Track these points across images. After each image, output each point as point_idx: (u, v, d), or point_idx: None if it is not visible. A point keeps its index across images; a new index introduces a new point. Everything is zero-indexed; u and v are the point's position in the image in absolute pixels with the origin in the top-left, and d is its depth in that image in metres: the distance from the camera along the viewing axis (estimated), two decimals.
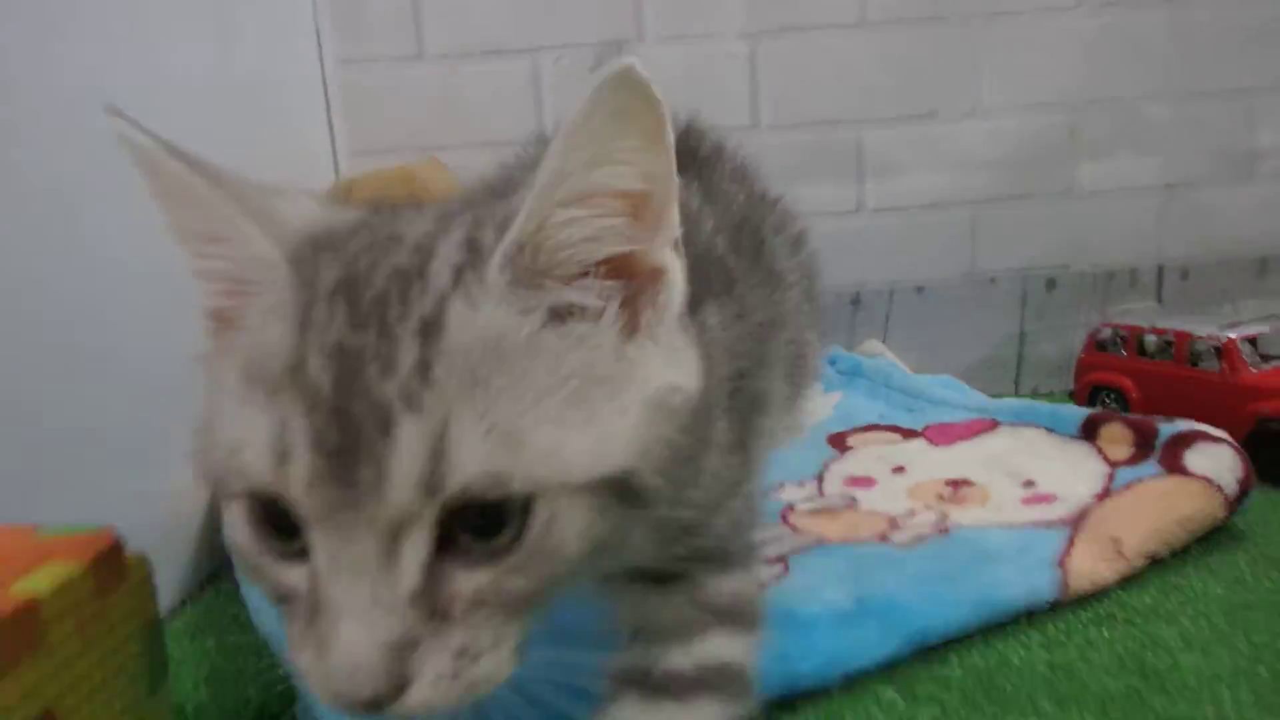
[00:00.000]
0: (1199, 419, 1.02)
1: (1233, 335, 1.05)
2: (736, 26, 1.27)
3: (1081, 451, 0.95)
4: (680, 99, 1.00)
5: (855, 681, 0.66)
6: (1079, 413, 1.00)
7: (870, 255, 1.33)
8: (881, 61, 1.28)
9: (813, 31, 1.27)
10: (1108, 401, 1.18)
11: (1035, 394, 1.35)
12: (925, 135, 1.30)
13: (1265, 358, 1.06)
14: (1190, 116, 1.30)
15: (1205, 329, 1.08)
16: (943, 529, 0.82)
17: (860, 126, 1.30)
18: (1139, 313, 1.23)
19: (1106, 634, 0.71)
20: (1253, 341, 1.07)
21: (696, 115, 0.77)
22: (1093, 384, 1.20)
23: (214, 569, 0.92)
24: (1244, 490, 0.84)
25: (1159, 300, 1.34)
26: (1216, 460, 0.85)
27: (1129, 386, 1.15)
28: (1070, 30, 1.28)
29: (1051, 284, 1.34)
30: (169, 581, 0.86)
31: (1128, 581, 0.77)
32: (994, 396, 1.30)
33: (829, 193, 1.32)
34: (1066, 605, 0.74)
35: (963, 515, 0.86)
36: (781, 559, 0.79)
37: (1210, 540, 0.84)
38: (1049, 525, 0.81)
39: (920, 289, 1.35)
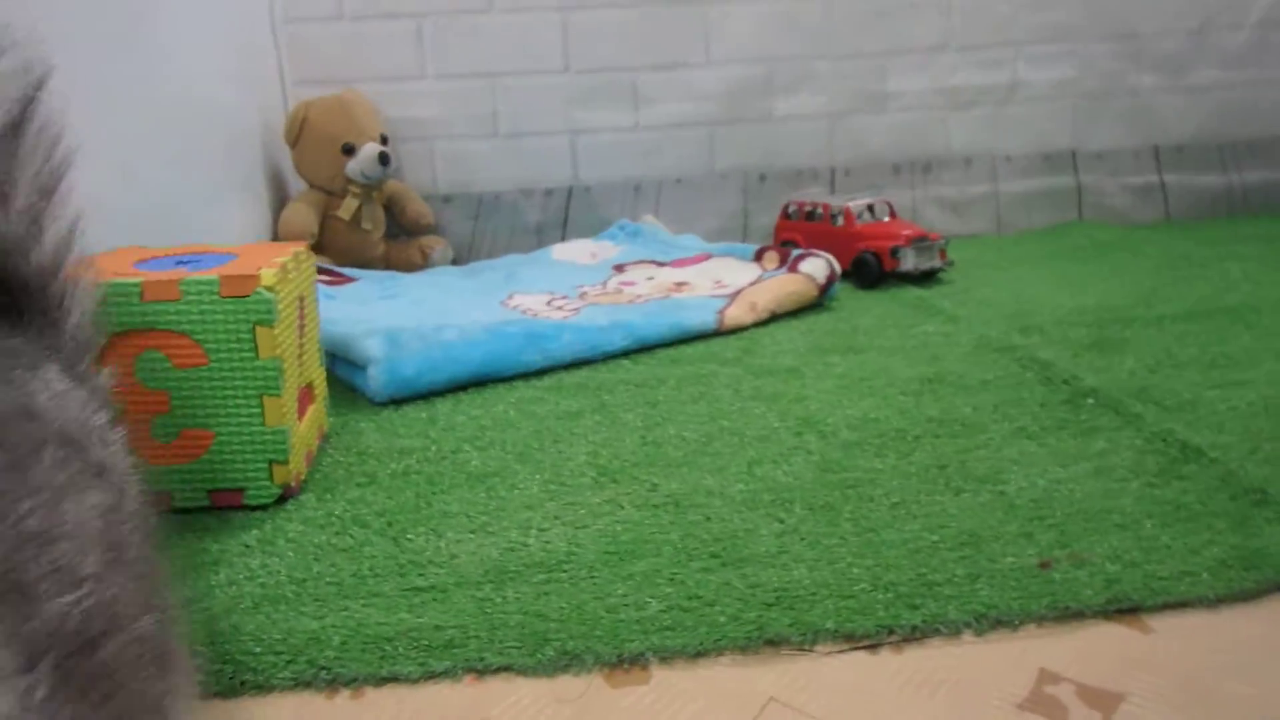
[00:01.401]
0: (833, 253, 1.74)
1: (849, 205, 1.76)
2: (554, 3, 1.89)
3: (752, 267, 1.65)
4: (515, 57, 1.69)
5: (610, 358, 1.33)
6: (753, 248, 1.69)
7: (645, 158, 1.99)
8: (646, 31, 1.93)
9: (602, 9, 1.91)
10: (792, 249, 1.88)
11: None
12: (677, 78, 1.96)
13: (871, 218, 1.78)
14: (844, 70, 2.01)
15: (838, 203, 1.79)
16: (663, 299, 1.50)
17: (635, 72, 1.95)
18: (812, 194, 1.93)
19: (737, 341, 1.40)
20: (871, 209, 1.79)
21: None
22: (782, 239, 1.91)
23: None
24: (829, 283, 1.55)
25: (832, 188, 2.06)
26: (815, 266, 1.56)
27: (800, 239, 1.86)
28: (764, 12, 1.96)
29: (762, 178, 2.04)
30: None
31: (759, 324, 1.47)
32: None
33: (616, 116, 1.97)
34: (724, 333, 1.43)
35: (679, 295, 1.54)
36: (577, 309, 1.44)
37: (811, 309, 1.55)
38: (719, 296, 1.50)
39: (678, 181, 2.02)
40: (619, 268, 1.74)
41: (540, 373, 1.29)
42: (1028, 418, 1.07)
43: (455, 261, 1.92)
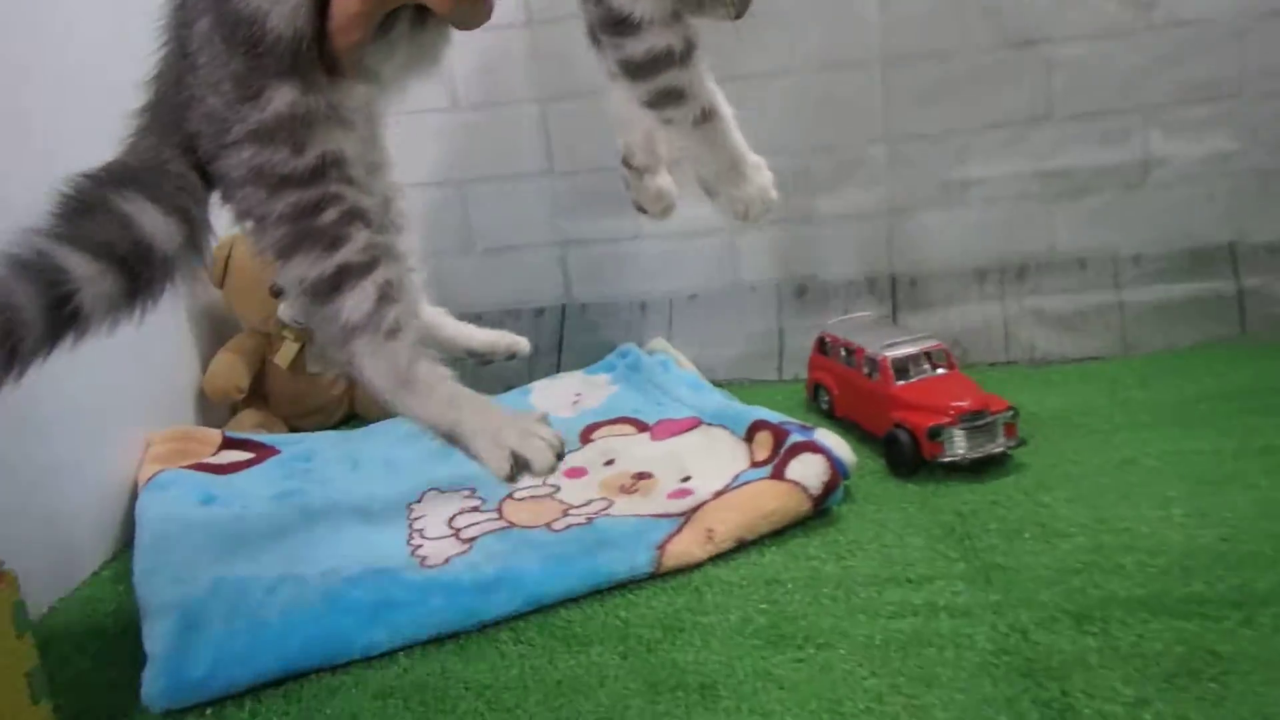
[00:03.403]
0: (869, 419, 1.34)
1: (887, 355, 1.34)
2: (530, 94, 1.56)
3: (740, 452, 1.26)
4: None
5: (487, 627, 1.00)
6: (749, 417, 1.30)
7: (651, 272, 1.62)
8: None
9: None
10: (823, 396, 1.47)
11: (796, 379, 1.64)
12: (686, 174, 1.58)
13: (924, 371, 1.34)
14: (907, 154, 1.56)
15: (874, 347, 1.36)
16: (590, 518, 1.14)
17: None
18: (853, 322, 1.50)
19: (670, 597, 1.03)
20: (928, 357, 1.35)
21: None
22: (815, 379, 1.50)
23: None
24: (828, 490, 1.14)
25: (894, 303, 1.63)
26: (808, 468, 1.15)
27: (833, 386, 1.45)
28: (797, 87, 1.54)
29: (802, 290, 1.63)
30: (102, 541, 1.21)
31: (717, 559, 1.09)
32: (759, 382, 1.61)
33: (615, 223, 1.61)
34: (664, 574, 1.07)
35: (622, 504, 1.18)
36: (471, 540, 1.12)
37: (807, 525, 1.15)
38: (670, 515, 1.13)
39: (693, 296, 1.64)
40: (586, 434, 1.40)
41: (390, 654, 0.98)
42: None
43: None
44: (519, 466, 0.86)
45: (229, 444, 1.41)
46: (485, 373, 1.65)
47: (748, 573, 1.07)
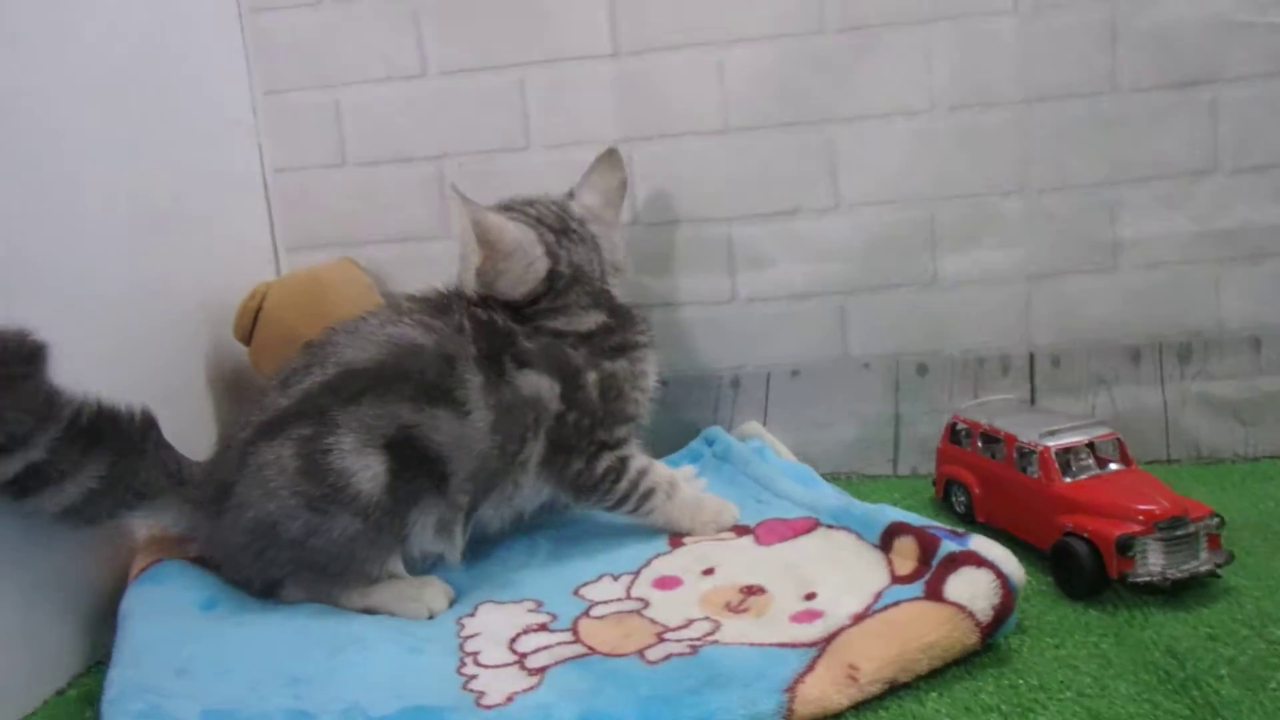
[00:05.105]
0: (1024, 525, 1.08)
1: (1050, 444, 1.09)
2: (609, 133, 1.36)
3: (874, 562, 1.01)
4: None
5: None
6: (883, 520, 1.05)
7: (746, 341, 1.39)
8: (744, 164, 1.35)
9: (680, 137, 1.36)
10: (958, 495, 1.22)
11: (914, 474, 1.39)
12: (790, 230, 1.37)
13: (1087, 468, 1.10)
14: (1048, 208, 1.34)
15: (1029, 434, 1.11)
16: (694, 646, 0.89)
17: (729, 223, 1.37)
18: (993, 406, 1.26)
19: None
20: (1091, 450, 1.10)
21: None
22: (946, 476, 1.25)
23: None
24: (1000, 617, 0.88)
25: (1032, 385, 1.38)
26: (974, 586, 0.89)
27: (972, 482, 1.19)
28: (921, 129, 1.33)
29: (923, 369, 1.39)
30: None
31: (863, 705, 0.83)
32: (871, 477, 1.37)
33: (705, 283, 1.39)
34: None
35: (732, 627, 0.92)
36: (541, 671, 0.86)
37: (972, 662, 0.89)
38: (798, 645, 0.87)
39: (795, 372, 1.41)
40: (677, 537, 1.15)
41: None
42: None
43: None
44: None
45: None
46: None
47: None
